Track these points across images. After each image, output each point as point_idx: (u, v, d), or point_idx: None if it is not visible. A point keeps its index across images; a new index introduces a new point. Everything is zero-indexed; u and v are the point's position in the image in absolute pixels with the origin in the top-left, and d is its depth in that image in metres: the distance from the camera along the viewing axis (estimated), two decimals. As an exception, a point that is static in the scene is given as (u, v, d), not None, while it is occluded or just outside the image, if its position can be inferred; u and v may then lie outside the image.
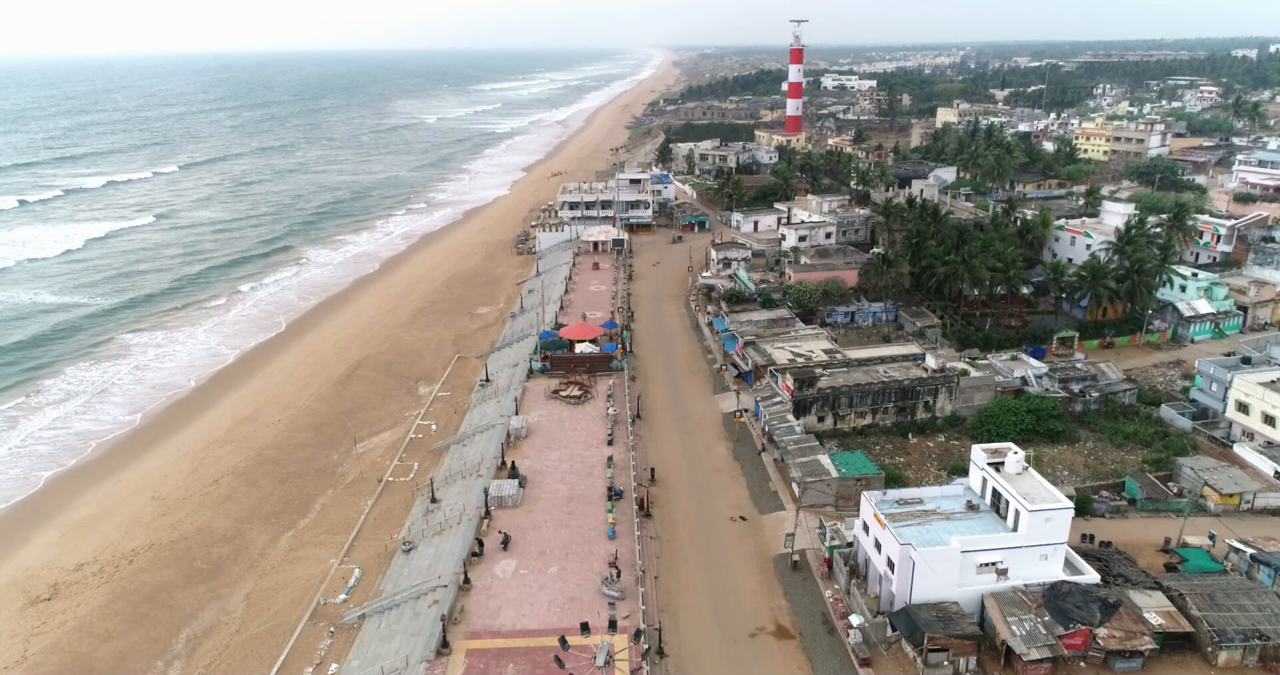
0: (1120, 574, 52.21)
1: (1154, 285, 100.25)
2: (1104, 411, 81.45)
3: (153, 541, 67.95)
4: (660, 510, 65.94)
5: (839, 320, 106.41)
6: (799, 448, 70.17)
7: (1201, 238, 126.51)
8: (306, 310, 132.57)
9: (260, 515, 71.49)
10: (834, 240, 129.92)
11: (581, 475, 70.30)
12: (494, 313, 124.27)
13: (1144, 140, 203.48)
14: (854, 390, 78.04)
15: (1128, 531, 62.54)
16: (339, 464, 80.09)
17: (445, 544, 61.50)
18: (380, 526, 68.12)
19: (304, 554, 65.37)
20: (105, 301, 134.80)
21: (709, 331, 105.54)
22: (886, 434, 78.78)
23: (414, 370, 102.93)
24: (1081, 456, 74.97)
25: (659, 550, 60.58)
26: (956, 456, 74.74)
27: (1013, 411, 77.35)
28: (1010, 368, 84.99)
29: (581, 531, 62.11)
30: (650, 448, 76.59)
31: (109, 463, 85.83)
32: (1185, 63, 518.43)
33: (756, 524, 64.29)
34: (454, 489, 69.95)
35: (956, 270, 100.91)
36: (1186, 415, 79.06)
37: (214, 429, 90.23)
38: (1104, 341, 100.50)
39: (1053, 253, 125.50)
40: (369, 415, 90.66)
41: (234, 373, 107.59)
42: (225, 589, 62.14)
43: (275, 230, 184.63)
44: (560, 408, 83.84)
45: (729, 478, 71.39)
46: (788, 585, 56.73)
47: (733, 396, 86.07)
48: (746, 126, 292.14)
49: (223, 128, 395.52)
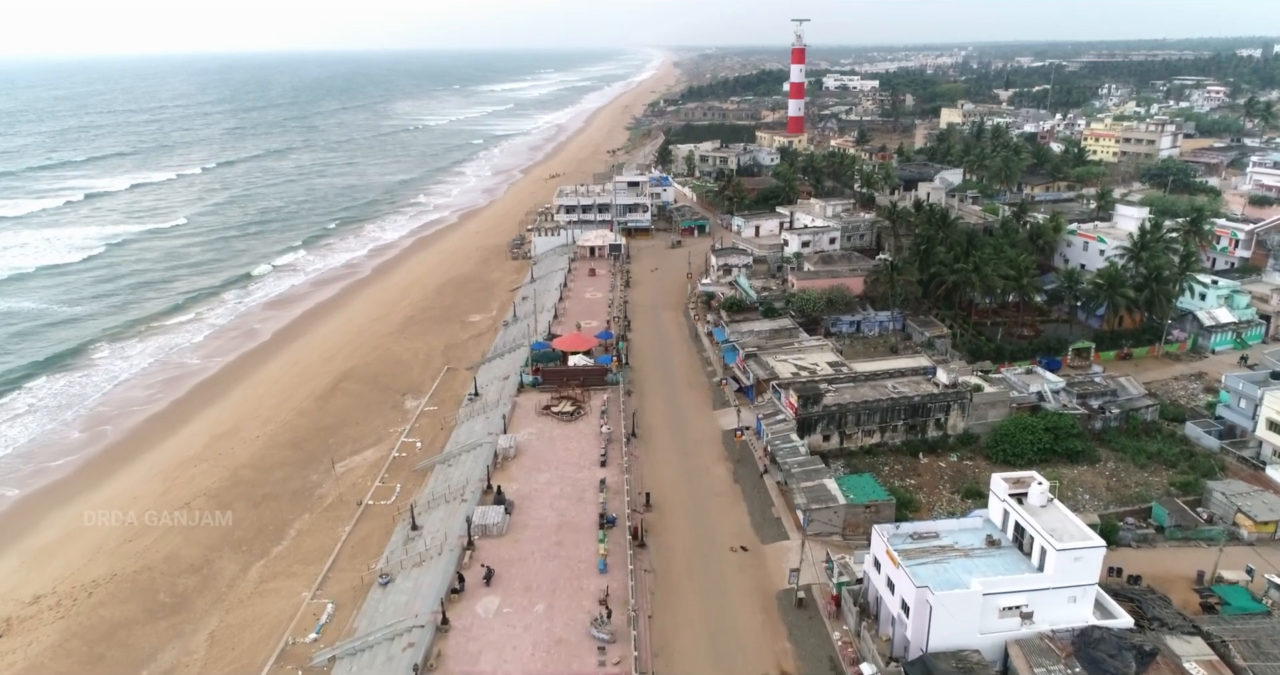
0: (1156, 617, 47.95)
1: (1174, 294, 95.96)
2: (1125, 429, 77.11)
3: (115, 571, 63.79)
4: (655, 539, 61.71)
5: (844, 330, 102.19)
6: (803, 470, 65.93)
7: (1219, 243, 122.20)
8: (294, 318, 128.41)
9: (231, 542, 67.31)
10: (838, 246, 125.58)
11: (572, 500, 66.07)
12: (486, 321, 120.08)
13: (1154, 141, 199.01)
14: (861, 407, 73.78)
15: (1157, 563, 58.31)
16: (318, 485, 75.88)
17: (425, 577, 57.31)
18: (357, 556, 63.92)
19: (275, 586, 61.18)
20: (82, 311, 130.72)
21: (709, 342, 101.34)
22: (896, 453, 74.53)
23: (401, 382, 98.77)
24: (1103, 478, 70.69)
25: (653, 585, 56.35)
26: (970, 478, 70.62)
27: (1029, 430, 73.13)
28: (1025, 382, 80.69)
29: (570, 564, 57.88)
30: (646, 468, 72.35)
31: (80, 480, 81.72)
32: (1190, 62, 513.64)
33: (758, 554, 60.03)
34: (436, 515, 65.76)
35: (967, 278, 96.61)
36: (1213, 434, 74.71)
37: (190, 445, 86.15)
38: (1121, 352, 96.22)
39: (1064, 258, 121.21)
40: (352, 431, 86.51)
41: (215, 384, 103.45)
42: (188, 626, 57.94)
43: (265, 236, 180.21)
44: (551, 425, 79.63)
45: (729, 502, 67.14)
46: (792, 625, 52.49)
47: (733, 412, 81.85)
48: (747, 127, 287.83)
49: (218, 131, 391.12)
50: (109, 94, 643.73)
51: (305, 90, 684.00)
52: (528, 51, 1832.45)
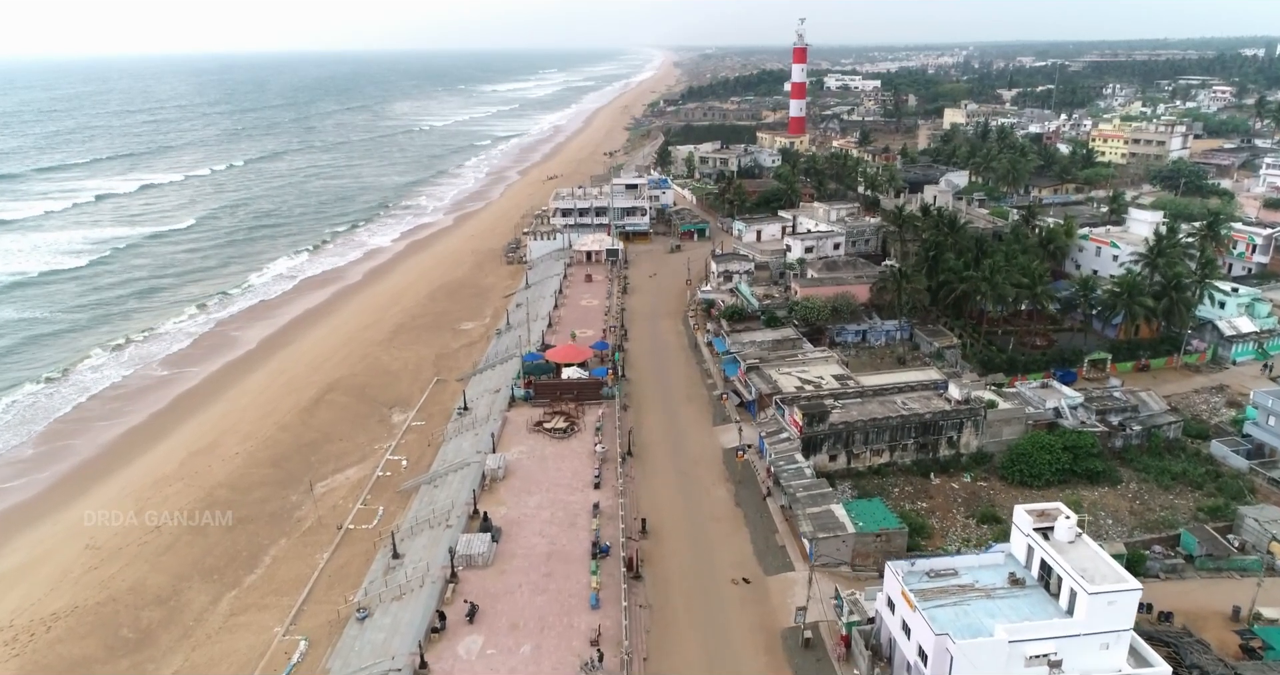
0: (1195, 664, 44.19)
1: (1193, 302, 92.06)
2: (1146, 447, 73.27)
3: (77, 602, 59.99)
4: (652, 570, 57.86)
5: (849, 339, 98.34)
6: (809, 495, 62.08)
7: (1235, 247, 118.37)
8: (282, 325, 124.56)
9: (202, 570, 63.48)
10: (843, 251, 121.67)
11: (564, 526, 62.21)
12: (479, 329, 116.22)
13: (1164, 142, 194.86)
14: (870, 425, 69.90)
15: (1188, 597, 54.51)
16: (296, 507, 72.00)
17: (404, 613, 53.47)
18: (335, 586, 60.10)
19: (246, 620, 57.34)
20: (64, 318, 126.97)
21: (709, 352, 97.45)
22: (906, 473, 70.67)
23: (389, 394, 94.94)
24: (1125, 501, 66.85)
25: (649, 622, 52.50)
26: (985, 500, 66.83)
27: (1047, 449, 69.27)
28: (1041, 397, 76.80)
29: (560, 598, 54.01)
30: (642, 490, 68.48)
31: (52, 499, 78.07)
32: (1195, 62, 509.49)
33: (762, 587, 56.16)
34: (419, 542, 61.89)
35: (978, 287, 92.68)
36: (1241, 453, 70.87)
37: (166, 462, 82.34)
38: (1138, 364, 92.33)
39: (1076, 264, 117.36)
40: (335, 448, 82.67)
41: (197, 396, 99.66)
42: (151, 664, 54.09)
43: (255, 243, 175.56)
44: (543, 442, 75.75)
45: (730, 528, 63.27)
46: (799, 668, 48.62)
47: (734, 429, 77.98)
48: (748, 128, 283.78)
49: (214, 132, 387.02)
50: (102, 95, 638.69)
51: (304, 91, 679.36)
52: (528, 51, 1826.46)
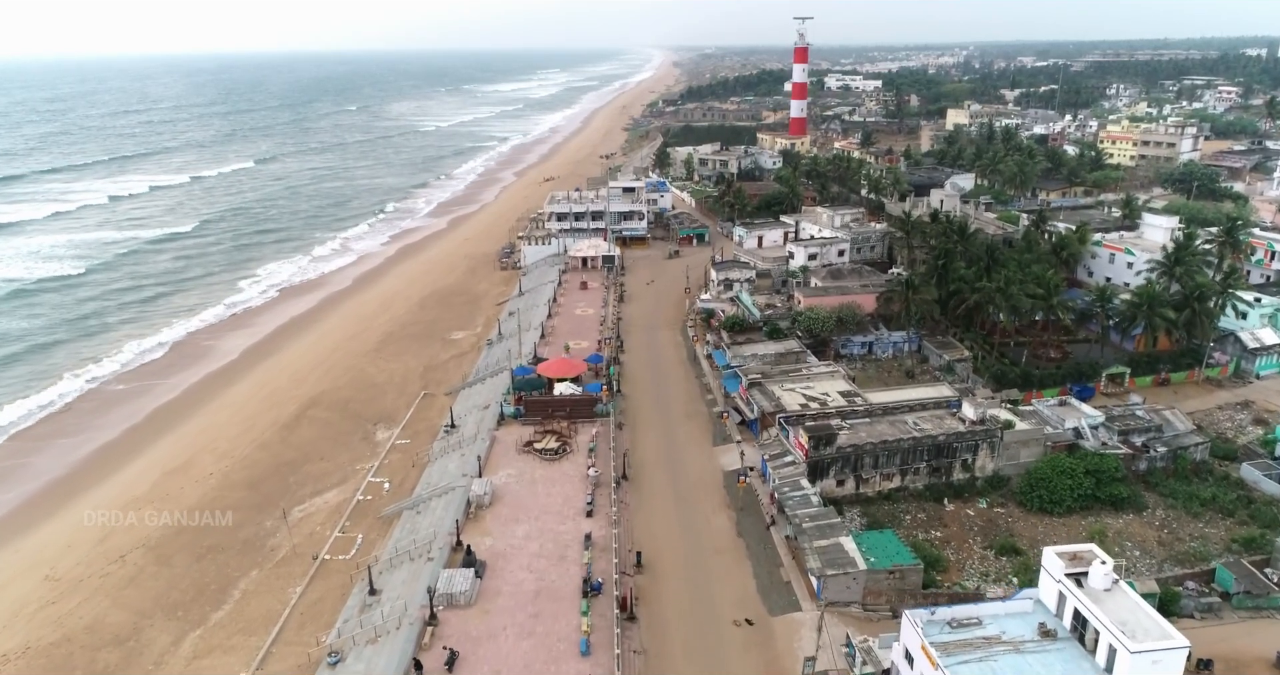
0: (1246, 728, 40.00)
1: (1216, 314, 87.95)
2: (1172, 471, 69.21)
3: (29, 642, 55.78)
4: (647, 609, 53.70)
5: (855, 351, 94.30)
6: (816, 525, 57.94)
7: (1254, 254, 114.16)
8: (266, 334, 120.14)
9: (166, 605, 59.22)
10: (847, 259, 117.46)
11: (553, 559, 58.02)
12: (470, 338, 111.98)
13: (1175, 144, 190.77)
14: (880, 448, 65.80)
15: (1228, 640, 50.49)
16: (271, 534, 67.72)
17: (379, 658, 49.30)
18: (306, 624, 55.88)
19: (209, 664, 53.08)
20: (42, 326, 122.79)
21: (708, 365, 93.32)
22: (918, 499, 66.61)
23: (373, 409, 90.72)
24: (1153, 530, 62.81)
25: (643, 670, 48.34)
26: (1003, 529, 62.84)
27: (1068, 473, 65.21)
28: (1060, 416, 72.59)
29: (548, 643, 49.82)
30: (638, 518, 64.35)
31: (13, 525, 73.67)
32: (1198, 62, 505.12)
33: (766, 629, 52.02)
34: (398, 576, 57.70)
35: (991, 297, 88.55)
36: (1273, 477, 66.81)
37: (136, 484, 77.98)
38: (1158, 378, 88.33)
39: (1089, 271, 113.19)
40: (315, 468, 78.41)
41: (175, 409, 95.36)
42: (103, 715, 49.98)
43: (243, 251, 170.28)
44: (533, 464, 71.55)
45: (732, 561, 59.12)
46: (807, 725, 44.53)
47: (735, 450, 73.80)
48: (748, 128, 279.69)
49: (210, 133, 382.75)
50: (98, 95, 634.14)
51: (302, 91, 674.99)
52: (528, 51, 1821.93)
